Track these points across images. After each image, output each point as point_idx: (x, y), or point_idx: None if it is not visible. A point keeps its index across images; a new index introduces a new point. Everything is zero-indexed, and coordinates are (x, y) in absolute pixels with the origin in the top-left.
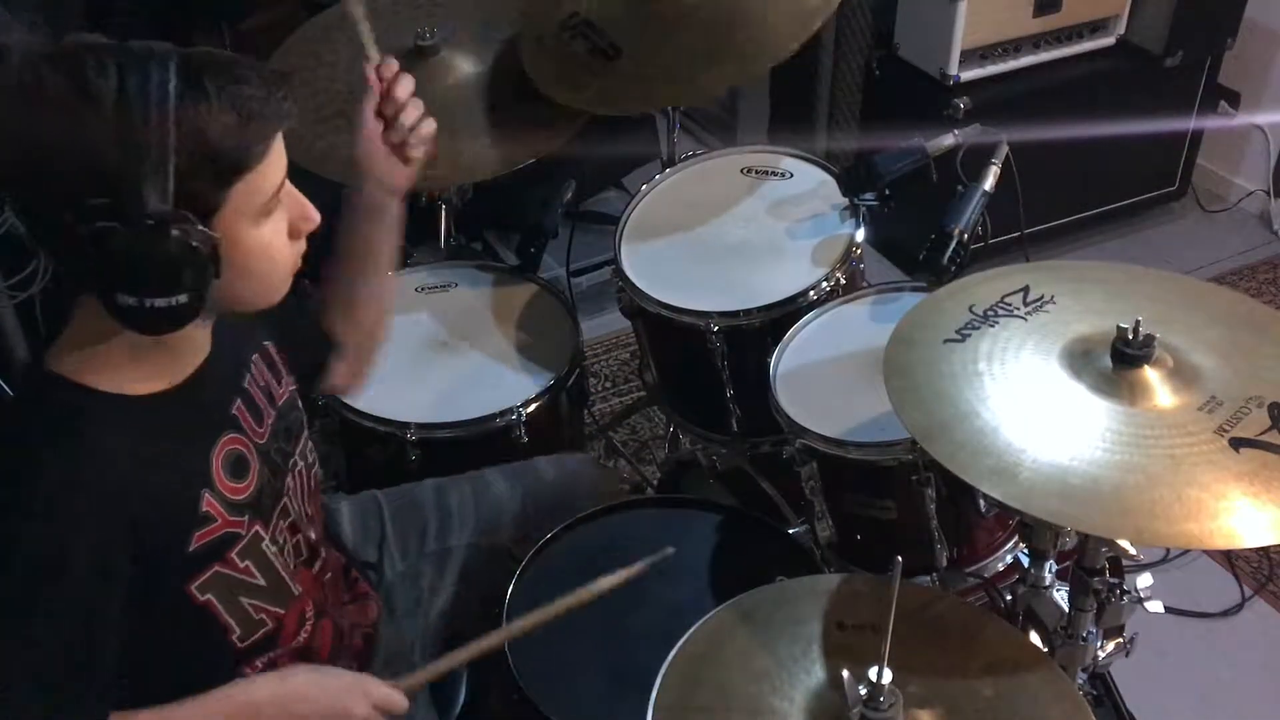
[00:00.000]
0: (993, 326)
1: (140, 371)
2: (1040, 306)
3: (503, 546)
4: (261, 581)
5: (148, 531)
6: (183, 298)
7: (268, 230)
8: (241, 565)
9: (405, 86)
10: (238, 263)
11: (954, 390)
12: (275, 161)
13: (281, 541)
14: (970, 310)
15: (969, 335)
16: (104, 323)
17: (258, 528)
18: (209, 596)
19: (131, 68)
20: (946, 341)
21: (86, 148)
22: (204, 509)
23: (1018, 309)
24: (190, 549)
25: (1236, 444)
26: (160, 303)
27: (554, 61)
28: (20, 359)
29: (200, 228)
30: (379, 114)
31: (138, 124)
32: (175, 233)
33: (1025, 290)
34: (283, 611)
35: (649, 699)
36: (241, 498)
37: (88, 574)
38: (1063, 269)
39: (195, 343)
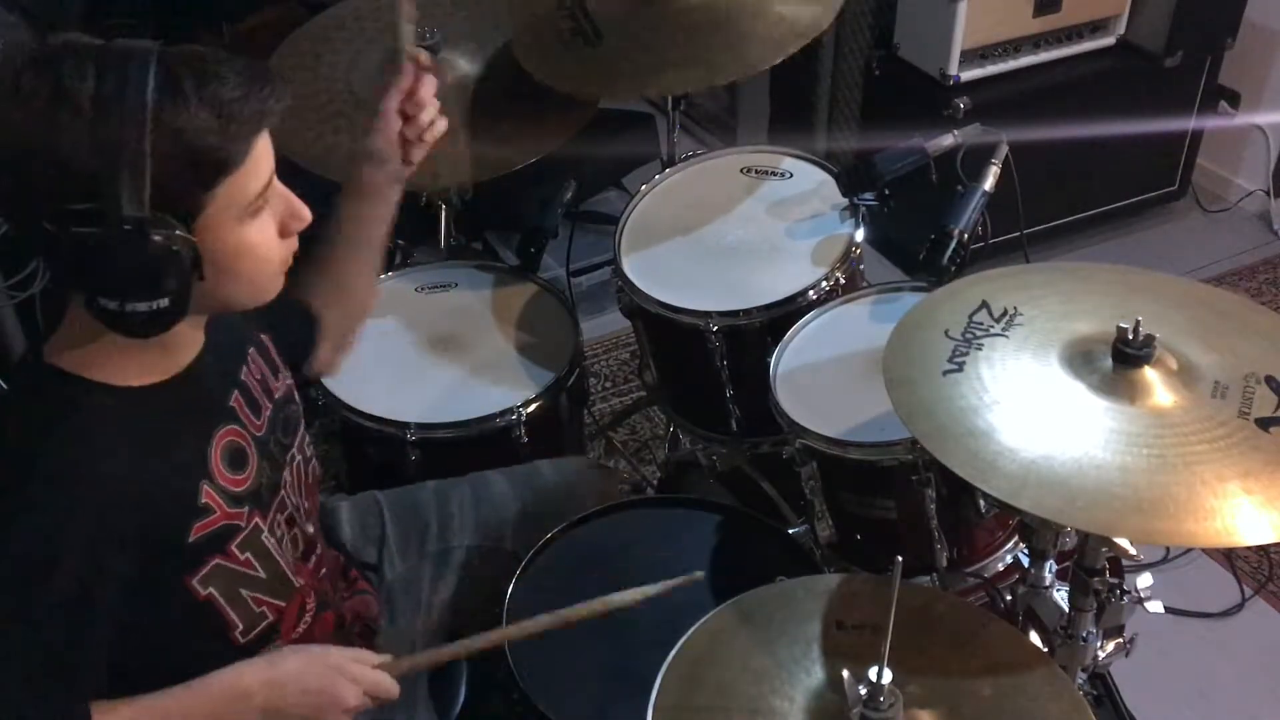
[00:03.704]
0: (979, 349)
1: (135, 364)
2: (1011, 321)
3: (503, 548)
4: (262, 574)
5: (147, 522)
6: (164, 302)
7: (254, 230)
8: (242, 558)
9: (429, 85)
10: (224, 264)
11: (963, 411)
12: (261, 160)
13: (280, 534)
14: (947, 335)
15: (964, 362)
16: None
17: (257, 519)
18: (210, 590)
19: (109, 69)
20: (947, 374)
21: (63, 151)
22: (203, 500)
23: (991, 327)
24: (190, 540)
25: (1264, 423)
26: (141, 307)
27: (537, 34)
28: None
29: (180, 232)
30: (400, 109)
31: (114, 127)
32: (155, 237)
33: (985, 306)
34: (283, 604)
35: (649, 699)
36: (241, 489)
37: (79, 570)
38: (1000, 278)
39: (187, 338)
